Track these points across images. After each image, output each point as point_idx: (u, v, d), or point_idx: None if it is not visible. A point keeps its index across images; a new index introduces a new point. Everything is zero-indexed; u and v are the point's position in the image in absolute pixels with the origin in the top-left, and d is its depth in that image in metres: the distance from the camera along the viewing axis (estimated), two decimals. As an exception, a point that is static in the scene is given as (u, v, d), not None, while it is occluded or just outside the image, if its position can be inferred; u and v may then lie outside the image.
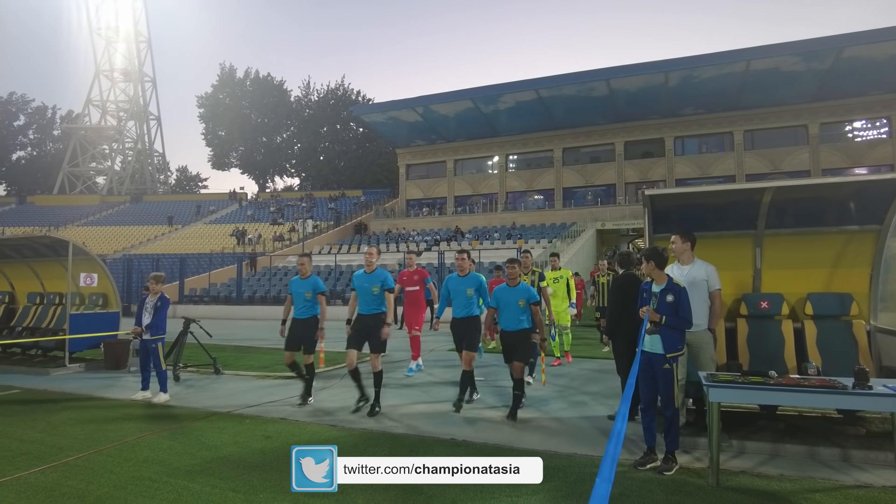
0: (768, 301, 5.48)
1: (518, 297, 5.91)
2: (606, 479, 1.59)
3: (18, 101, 65.12)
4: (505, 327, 5.98)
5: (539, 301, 6.07)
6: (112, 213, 49.17)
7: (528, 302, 5.90)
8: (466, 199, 41.14)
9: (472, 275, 6.71)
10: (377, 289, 6.20)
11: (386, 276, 6.33)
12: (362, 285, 6.26)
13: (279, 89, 61.39)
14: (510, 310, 5.93)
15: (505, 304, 5.97)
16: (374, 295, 6.20)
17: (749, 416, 5.44)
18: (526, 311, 5.90)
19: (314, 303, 6.85)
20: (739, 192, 5.79)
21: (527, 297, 5.91)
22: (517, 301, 5.88)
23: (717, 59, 30.27)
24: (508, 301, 5.94)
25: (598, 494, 1.48)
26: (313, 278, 6.95)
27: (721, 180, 34.13)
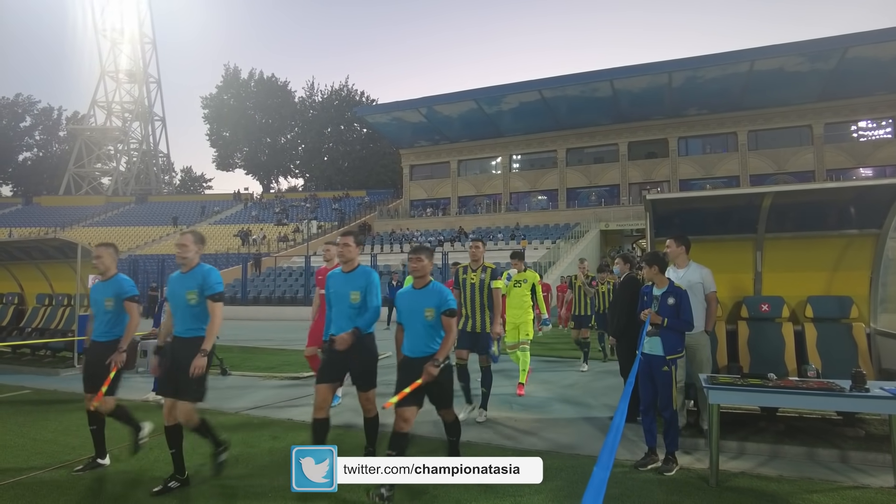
0: (769, 304, 5.55)
1: (423, 303, 3.96)
2: (604, 466, 1.68)
3: (25, 103, 65.61)
4: (408, 351, 4.04)
5: (454, 311, 3.98)
6: (117, 213, 49.47)
7: (438, 311, 3.95)
8: (470, 200, 41.24)
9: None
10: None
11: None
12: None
13: (283, 90, 61.64)
14: (413, 324, 4.02)
15: (406, 314, 4.07)
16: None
17: (749, 417, 5.51)
18: (437, 326, 3.98)
19: None
20: (740, 196, 5.87)
21: (437, 304, 3.94)
22: (422, 310, 3.95)
23: (720, 59, 30.29)
24: (410, 310, 4.03)
25: (596, 481, 1.56)
26: None
27: (725, 181, 34.16)
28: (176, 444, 4.01)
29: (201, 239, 4.31)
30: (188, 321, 4.05)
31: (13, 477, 4.16)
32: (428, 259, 4.14)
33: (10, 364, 10.00)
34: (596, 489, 1.53)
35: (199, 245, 4.23)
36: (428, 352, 3.96)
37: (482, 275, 5.92)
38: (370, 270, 4.44)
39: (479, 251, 6.08)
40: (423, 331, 4.00)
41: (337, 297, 4.36)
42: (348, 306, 4.29)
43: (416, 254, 4.13)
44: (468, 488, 3.92)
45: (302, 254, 31.28)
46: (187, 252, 4.13)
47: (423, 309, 3.98)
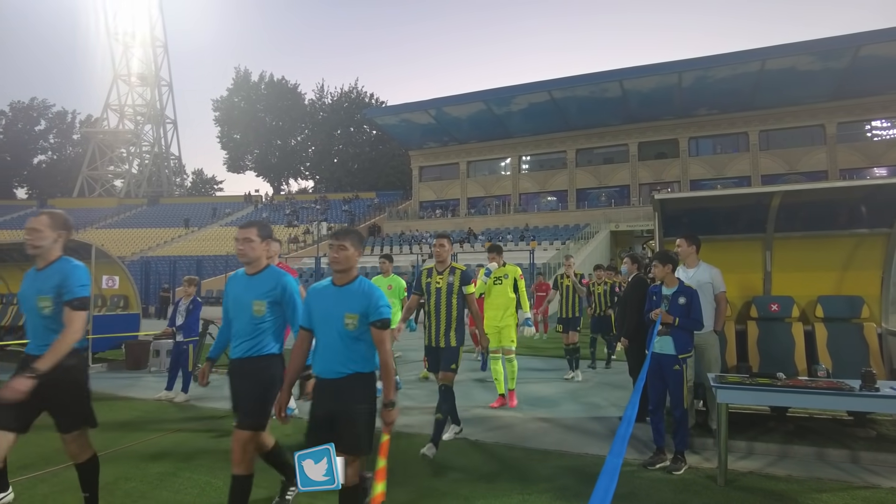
0: (778, 304, 5.53)
1: (344, 306, 2.90)
2: (617, 454, 1.74)
3: (39, 107, 66.53)
4: (320, 371, 2.96)
5: (386, 321, 2.88)
6: (130, 215, 49.96)
7: (364, 320, 2.88)
8: (479, 201, 41.25)
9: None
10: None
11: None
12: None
13: (293, 92, 62.02)
14: (328, 334, 2.94)
15: (319, 319, 2.99)
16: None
17: (759, 417, 5.50)
18: (361, 340, 2.91)
19: None
20: (748, 195, 5.85)
21: (362, 310, 2.88)
22: (341, 315, 2.88)
23: (731, 58, 30.10)
24: (324, 314, 2.96)
25: (609, 467, 1.62)
26: None
27: (736, 181, 33.93)
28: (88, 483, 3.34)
29: (64, 222, 3.12)
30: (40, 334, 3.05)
31: (27, 474, 4.24)
32: (354, 247, 2.97)
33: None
34: (609, 475, 1.58)
35: (61, 231, 3.08)
36: (345, 372, 2.85)
37: (450, 278, 4.89)
38: (281, 273, 3.34)
39: (444, 250, 4.98)
40: (341, 343, 2.88)
41: (236, 307, 3.27)
42: (249, 319, 3.21)
43: (339, 239, 2.95)
44: (475, 486, 3.96)
45: (312, 255, 31.45)
46: (41, 240, 3.01)
47: (343, 314, 2.86)
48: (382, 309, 2.92)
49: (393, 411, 2.89)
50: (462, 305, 4.94)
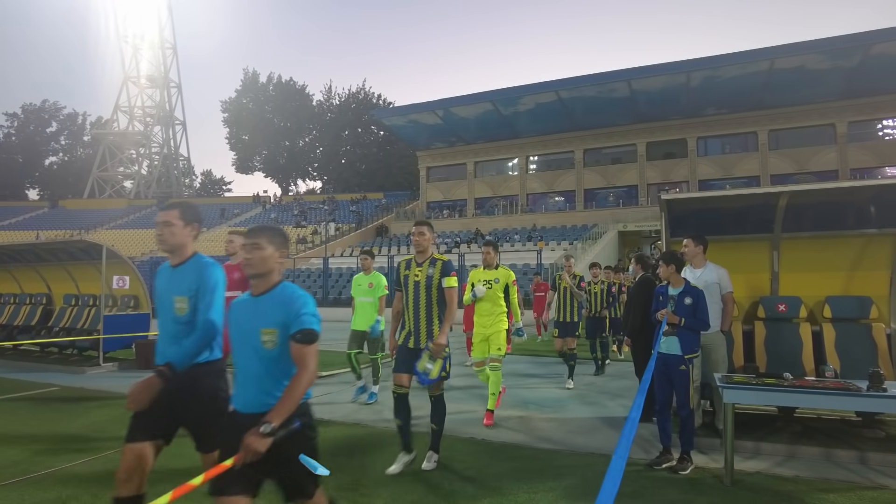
0: (786, 304, 5.52)
1: (259, 320, 2.37)
2: (621, 456, 1.77)
3: (51, 109, 67.22)
4: (240, 405, 2.40)
5: (311, 333, 2.28)
6: (139, 216, 50.31)
7: (284, 333, 2.32)
8: (487, 201, 41.24)
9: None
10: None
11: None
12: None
13: (301, 93, 62.27)
14: (244, 355, 2.41)
15: (235, 337, 2.46)
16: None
17: (766, 418, 5.49)
18: (280, 362, 2.34)
19: None
20: (756, 196, 5.84)
21: (281, 322, 2.32)
22: (256, 331, 2.35)
23: (739, 58, 29.91)
24: (240, 331, 2.44)
25: (614, 470, 1.64)
26: None
27: (745, 181, 33.72)
28: None
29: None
30: None
31: (45, 469, 4.31)
32: (273, 245, 2.39)
33: (39, 362, 10.31)
34: (613, 477, 1.61)
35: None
36: (269, 403, 2.24)
37: (430, 270, 4.36)
38: (209, 263, 2.85)
39: (423, 238, 4.44)
40: (260, 367, 2.31)
41: (160, 304, 2.87)
42: (172, 319, 2.80)
43: (252, 237, 2.38)
44: (483, 485, 3.99)
45: (320, 255, 31.57)
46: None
47: (259, 330, 2.30)
48: (305, 318, 2.27)
49: (261, 441, 2.09)
50: (442, 301, 4.38)
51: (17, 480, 4.07)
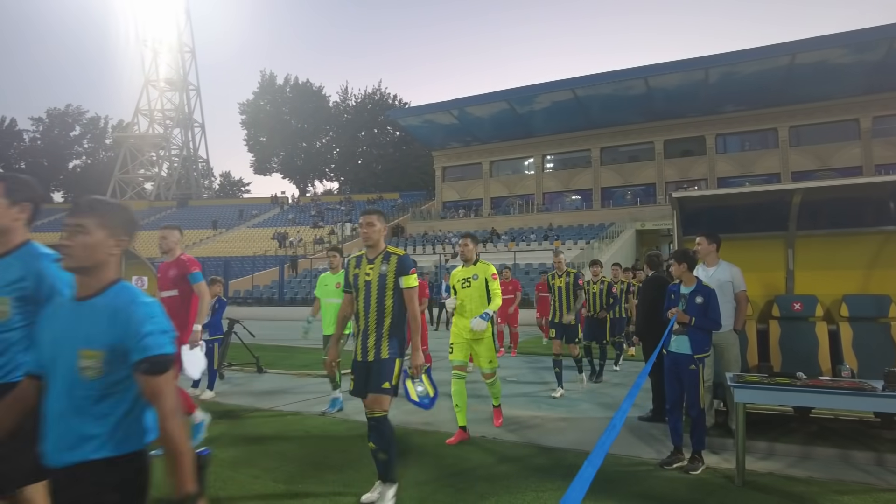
0: (801, 303, 5.44)
1: (79, 337, 1.66)
2: (593, 464, 1.72)
3: (74, 113, 68.58)
4: (51, 451, 1.65)
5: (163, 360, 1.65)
6: (160, 217, 51.03)
7: (116, 358, 1.63)
8: (502, 201, 41.13)
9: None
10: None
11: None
12: None
13: (318, 95, 62.68)
14: (53, 385, 1.69)
15: (48, 356, 1.73)
16: None
17: (781, 418, 5.42)
18: (111, 397, 1.65)
19: None
20: (768, 193, 5.76)
21: (112, 343, 1.64)
22: (73, 350, 1.65)
23: (759, 53, 29.45)
24: (52, 352, 1.72)
25: (582, 477, 1.60)
26: None
27: (765, 178, 33.21)
28: None
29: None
30: None
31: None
32: (103, 227, 1.74)
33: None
34: (580, 484, 1.56)
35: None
36: (72, 459, 1.62)
37: (383, 267, 3.69)
38: (38, 255, 2.29)
39: (373, 230, 3.73)
40: (68, 404, 1.65)
41: None
42: None
43: (76, 216, 1.74)
44: (492, 483, 4.00)
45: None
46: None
47: (76, 350, 1.66)
48: (151, 340, 1.65)
49: None
50: (400, 304, 3.71)
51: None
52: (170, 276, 4.84)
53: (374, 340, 3.67)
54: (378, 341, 3.67)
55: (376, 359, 3.63)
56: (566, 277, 7.36)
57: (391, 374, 3.61)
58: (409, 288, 3.71)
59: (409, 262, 3.76)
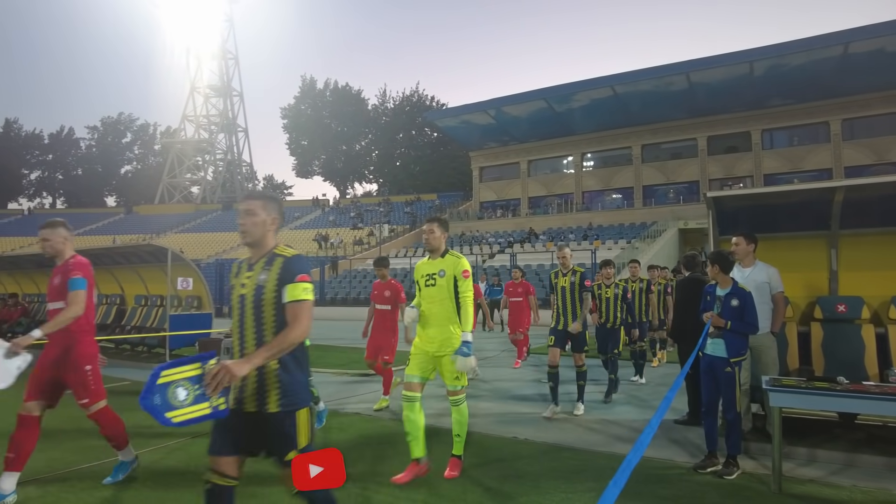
0: (846, 304, 5.24)
1: None
2: (624, 470, 1.72)
3: (126, 121, 71.63)
4: None
5: None
6: (205, 220, 52.72)
7: None
8: (541, 200, 40.81)
9: None
10: None
11: None
12: None
13: (357, 98, 63.55)
14: None
15: None
16: None
17: (824, 423, 5.24)
18: None
19: None
20: (807, 192, 5.56)
21: None
22: None
23: (808, 44, 28.32)
24: None
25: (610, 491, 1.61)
26: None
27: (815, 174, 31.96)
28: None
29: None
30: None
31: (115, 457, 4.65)
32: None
33: (113, 358, 11.03)
34: (614, 488, 1.58)
35: None
36: None
37: (262, 275, 2.53)
38: None
39: (256, 219, 2.62)
40: None
41: None
42: None
43: None
44: (522, 483, 4.01)
45: (376, 256, 32.19)
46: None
47: None
48: None
49: None
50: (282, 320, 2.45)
51: (90, 465, 4.41)
52: (55, 285, 4.00)
53: (252, 378, 2.42)
54: (259, 379, 2.43)
55: (259, 408, 2.42)
56: (571, 276, 6.22)
57: (293, 436, 2.43)
58: (294, 302, 2.46)
59: (299, 265, 2.57)
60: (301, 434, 2.45)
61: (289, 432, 2.42)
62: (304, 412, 2.48)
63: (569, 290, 6.21)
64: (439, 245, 4.37)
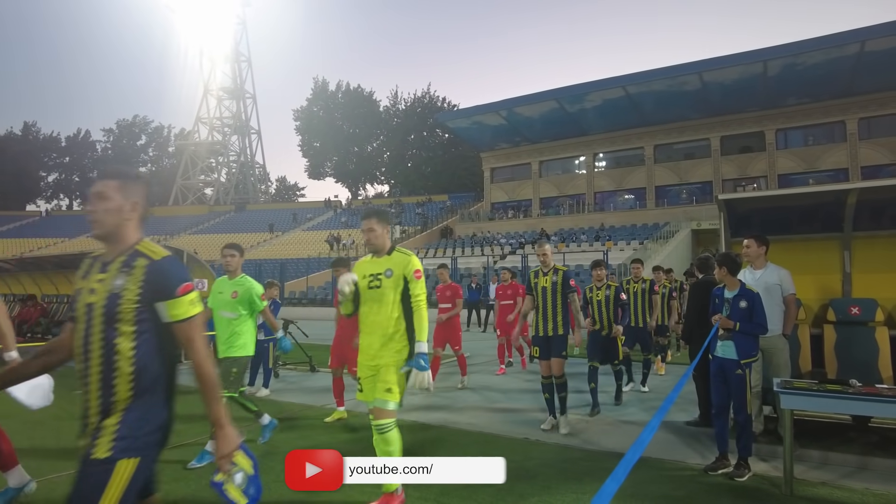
0: (860, 307, 5.23)
1: None
2: (616, 479, 1.76)
3: (141, 123, 72.55)
4: None
5: None
6: (219, 221, 53.24)
7: None
8: (552, 201, 40.72)
9: None
10: None
11: None
12: None
13: (369, 100, 63.82)
14: None
15: None
16: None
17: (837, 426, 5.22)
18: None
19: None
20: (819, 194, 5.55)
21: None
22: None
23: (824, 42, 27.98)
24: None
25: (604, 491, 1.65)
26: None
27: (831, 174, 31.62)
28: None
29: None
30: None
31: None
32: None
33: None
34: (611, 485, 1.61)
35: None
36: None
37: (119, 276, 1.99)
38: None
39: (110, 205, 2.05)
40: None
41: None
42: None
43: None
44: (533, 484, 4.05)
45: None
46: None
47: None
48: None
49: None
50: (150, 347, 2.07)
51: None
52: None
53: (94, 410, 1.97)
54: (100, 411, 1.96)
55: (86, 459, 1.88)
56: (553, 276, 5.64)
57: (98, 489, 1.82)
58: (181, 321, 2.09)
59: (169, 269, 2.06)
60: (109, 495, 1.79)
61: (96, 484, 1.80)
62: (130, 465, 1.86)
63: (550, 290, 5.60)
64: (383, 244, 3.69)
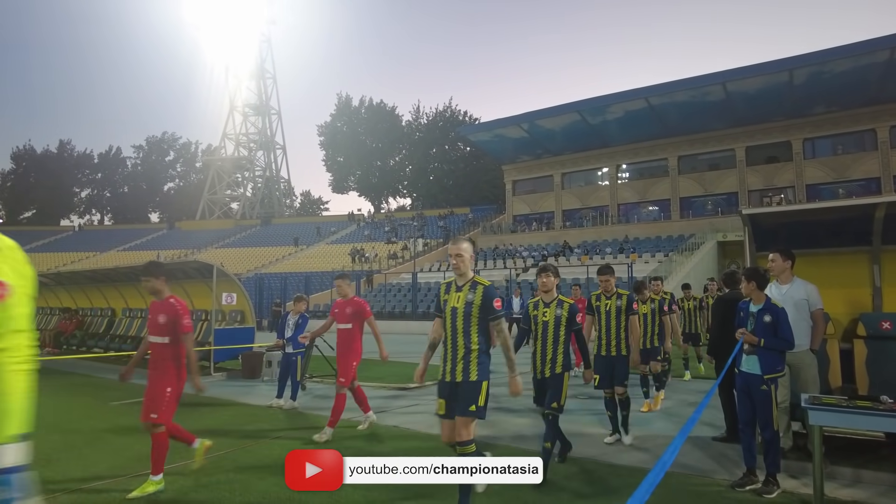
0: (891, 321, 5.15)
1: None
2: (645, 490, 1.80)
3: (169, 139, 74.41)
4: None
5: None
6: (245, 235, 54.15)
7: None
8: (575, 213, 40.54)
9: None
10: None
11: None
12: None
13: (391, 115, 64.55)
14: None
15: None
16: None
17: (871, 444, 5.12)
18: None
19: None
20: (846, 208, 5.50)
21: None
22: None
23: (852, 50, 27.55)
24: None
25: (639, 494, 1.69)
26: None
27: (862, 183, 30.97)
28: None
29: None
30: None
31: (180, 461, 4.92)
32: None
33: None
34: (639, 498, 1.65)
35: None
36: None
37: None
38: None
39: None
40: None
41: None
42: None
43: None
44: (558, 497, 4.07)
45: (410, 270, 32.46)
46: None
47: None
48: None
49: None
50: None
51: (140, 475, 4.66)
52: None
53: None
54: None
55: None
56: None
57: None
58: None
59: None
60: None
61: None
62: None
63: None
64: None
